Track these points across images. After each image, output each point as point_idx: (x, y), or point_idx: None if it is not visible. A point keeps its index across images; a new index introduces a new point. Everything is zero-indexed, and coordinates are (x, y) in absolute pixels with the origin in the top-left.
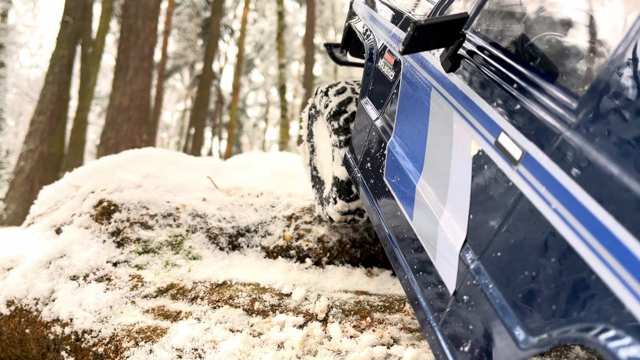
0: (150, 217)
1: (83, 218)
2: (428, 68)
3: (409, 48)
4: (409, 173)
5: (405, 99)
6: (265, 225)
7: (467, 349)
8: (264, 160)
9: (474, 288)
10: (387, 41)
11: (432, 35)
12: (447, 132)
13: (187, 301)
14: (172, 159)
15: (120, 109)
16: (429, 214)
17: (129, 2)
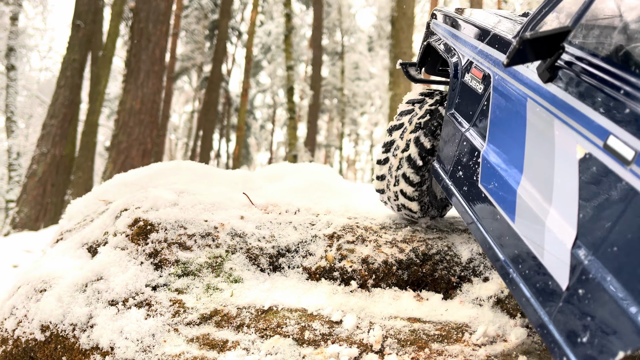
0: (188, 237)
1: (119, 238)
2: (522, 80)
3: (513, 61)
4: (507, 178)
5: (497, 109)
6: (306, 244)
7: (585, 340)
8: (293, 172)
9: (589, 282)
10: (473, 57)
11: (534, 49)
12: (547, 138)
13: (232, 329)
14: (202, 172)
15: (131, 112)
16: (532, 215)
17: (139, 6)
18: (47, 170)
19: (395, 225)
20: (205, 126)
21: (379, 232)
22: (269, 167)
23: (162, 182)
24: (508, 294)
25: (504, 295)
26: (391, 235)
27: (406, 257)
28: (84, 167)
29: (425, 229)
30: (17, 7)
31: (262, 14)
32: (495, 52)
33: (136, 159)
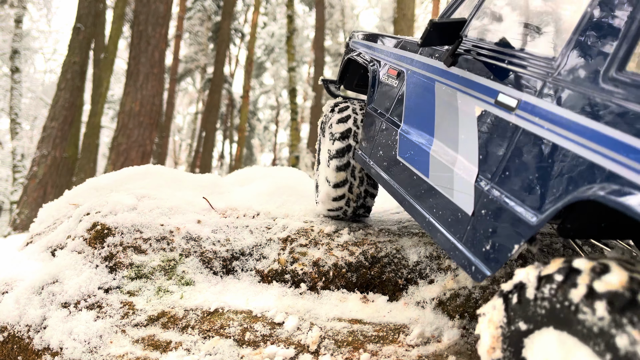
0: (143, 241)
1: (77, 242)
2: (430, 69)
3: (426, 42)
4: (421, 146)
5: (410, 95)
6: (261, 248)
7: (489, 247)
8: (264, 175)
9: (489, 203)
10: (389, 60)
11: (440, 34)
12: (452, 108)
13: (177, 330)
14: (171, 176)
15: (131, 114)
16: (443, 167)
17: (139, 9)
18: (48, 172)
19: (350, 228)
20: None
21: (332, 236)
22: (241, 171)
23: (131, 187)
24: (450, 295)
25: (445, 297)
26: (343, 239)
27: (356, 260)
28: (86, 168)
29: (377, 232)
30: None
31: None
32: (408, 53)
33: (135, 161)
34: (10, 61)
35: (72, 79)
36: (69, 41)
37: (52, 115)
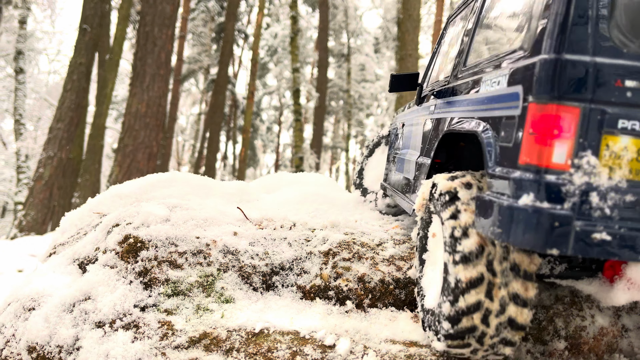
0: (179, 255)
1: (108, 256)
2: (414, 114)
3: (391, 88)
4: (403, 157)
5: (407, 132)
6: (301, 262)
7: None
8: (290, 182)
9: (419, 167)
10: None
11: (400, 82)
12: (418, 127)
13: (222, 353)
14: (198, 183)
15: (137, 115)
16: (407, 161)
17: (145, 10)
18: (54, 174)
19: (394, 241)
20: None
21: (376, 249)
22: (266, 177)
23: (157, 195)
24: None
25: None
26: (389, 252)
27: (404, 276)
28: (91, 169)
29: None
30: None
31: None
32: (402, 114)
33: (142, 162)
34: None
35: (78, 80)
36: (75, 42)
37: (59, 117)
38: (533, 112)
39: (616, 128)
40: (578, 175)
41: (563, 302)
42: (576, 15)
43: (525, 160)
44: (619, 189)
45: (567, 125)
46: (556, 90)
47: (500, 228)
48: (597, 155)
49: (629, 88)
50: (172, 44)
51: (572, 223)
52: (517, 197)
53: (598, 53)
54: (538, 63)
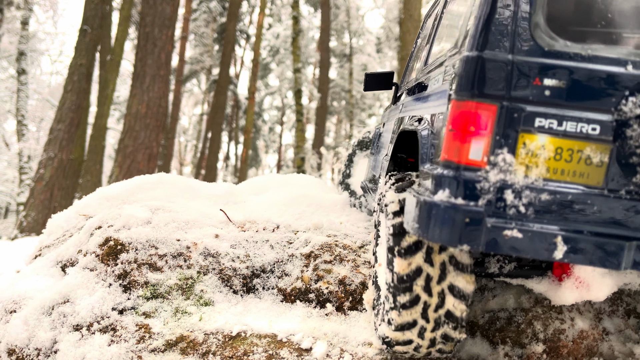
0: (159, 258)
1: (88, 258)
2: (391, 113)
3: (365, 87)
4: (377, 155)
5: (383, 131)
6: (282, 264)
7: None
8: (280, 184)
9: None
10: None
11: (374, 81)
12: (390, 126)
13: (198, 356)
14: (185, 185)
15: (137, 116)
16: (379, 161)
17: (145, 11)
18: (55, 175)
19: None
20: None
21: (358, 252)
22: (256, 179)
23: (143, 197)
24: (488, 318)
25: (484, 320)
26: (370, 255)
27: None
28: (92, 170)
29: None
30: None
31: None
32: (385, 112)
33: (142, 163)
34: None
35: (78, 81)
36: (75, 43)
37: (59, 118)
38: (453, 109)
39: (533, 126)
40: (494, 172)
41: (542, 304)
42: (498, 14)
43: (445, 157)
44: (534, 188)
45: (484, 123)
46: (474, 88)
47: (417, 223)
48: (514, 154)
49: (548, 86)
50: (172, 45)
51: (484, 219)
52: (434, 193)
53: (518, 51)
54: (459, 60)
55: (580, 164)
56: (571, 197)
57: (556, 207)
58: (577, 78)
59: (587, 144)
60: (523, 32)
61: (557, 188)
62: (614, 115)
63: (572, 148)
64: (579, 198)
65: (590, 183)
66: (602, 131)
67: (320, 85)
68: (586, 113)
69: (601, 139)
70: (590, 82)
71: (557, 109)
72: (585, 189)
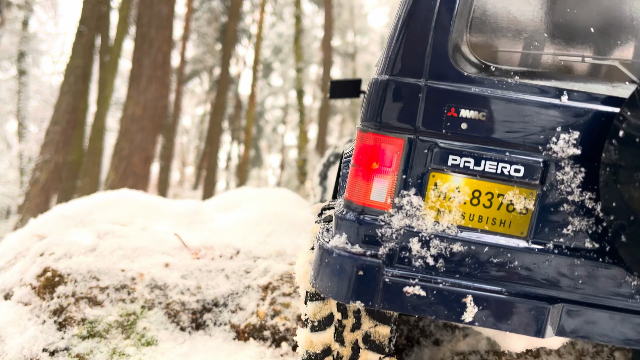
0: (100, 291)
1: (24, 291)
2: None
3: (330, 95)
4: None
5: None
6: (237, 297)
7: None
8: (252, 199)
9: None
10: None
11: (340, 89)
12: None
13: None
14: (147, 204)
15: (133, 118)
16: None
17: (142, 11)
18: (50, 178)
19: None
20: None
21: None
22: (229, 193)
23: (102, 216)
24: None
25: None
26: None
27: None
28: (91, 172)
29: None
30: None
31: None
32: None
33: (138, 166)
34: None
35: (75, 82)
36: (72, 44)
37: (55, 120)
38: (357, 142)
39: (446, 165)
40: (398, 217)
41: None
42: (412, 32)
43: (346, 195)
44: (446, 237)
45: (389, 159)
46: (379, 118)
47: (313, 269)
48: (423, 196)
49: (465, 118)
50: (169, 45)
51: (381, 272)
52: (332, 237)
53: (432, 75)
54: (368, 85)
55: (500, 210)
56: (488, 249)
57: (470, 260)
58: (501, 109)
59: (509, 188)
60: (439, 54)
61: (472, 238)
62: (542, 154)
63: (491, 191)
64: (497, 250)
65: (511, 233)
66: (528, 173)
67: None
68: (509, 151)
69: (526, 183)
70: (515, 114)
71: (475, 145)
72: (506, 240)
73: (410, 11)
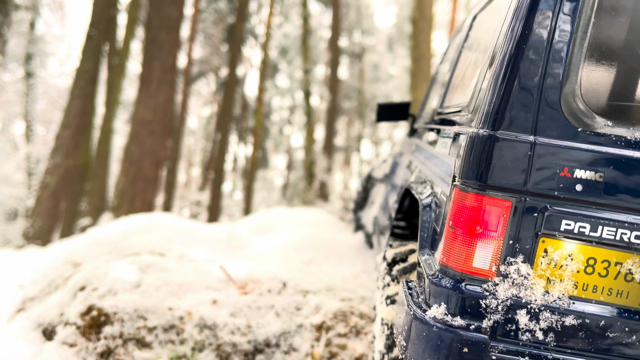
0: (148, 331)
1: (69, 331)
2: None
3: (377, 118)
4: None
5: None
6: (289, 336)
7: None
8: (287, 221)
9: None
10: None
11: (387, 112)
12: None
13: None
14: (181, 228)
15: (143, 122)
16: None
17: (152, 14)
18: (61, 182)
19: None
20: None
21: None
22: (261, 215)
23: (136, 242)
24: None
25: None
26: None
27: None
28: (98, 175)
29: None
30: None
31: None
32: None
33: (148, 170)
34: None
35: (85, 86)
36: (82, 48)
37: (65, 124)
38: (455, 200)
39: (559, 230)
40: (504, 286)
41: None
42: (519, 82)
43: (443, 260)
44: (557, 308)
45: (495, 223)
46: (484, 177)
47: (405, 340)
48: (532, 263)
49: (580, 179)
50: (178, 49)
51: (487, 348)
52: (428, 305)
53: (542, 131)
54: (467, 137)
55: (618, 279)
56: (604, 322)
57: (583, 334)
58: (620, 169)
59: (628, 256)
60: (550, 107)
61: (586, 309)
62: None
63: (608, 259)
64: (614, 323)
65: (630, 305)
66: None
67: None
68: (630, 215)
69: None
70: (637, 176)
71: (591, 208)
72: (624, 312)
73: (516, 51)
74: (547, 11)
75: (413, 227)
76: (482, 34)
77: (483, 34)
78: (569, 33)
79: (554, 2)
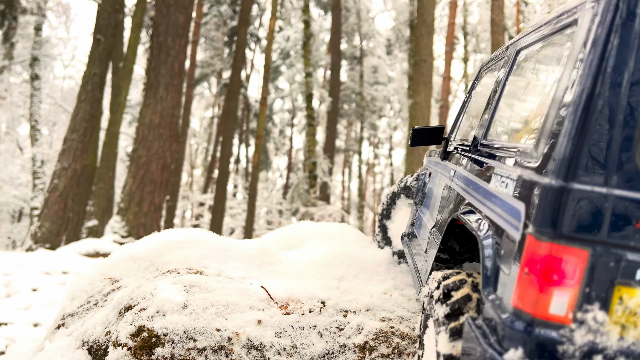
0: (198, 353)
1: (120, 353)
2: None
3: (412, 142)
4: (422, 215)
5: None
6: (334, 357)
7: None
8: (315, 235)
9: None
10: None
11: (422, 136)
12: (438, 189)
13: None
14: (216, 245)
15: (151, 126)
16: (424, 228)
17: (159, 20)
18: (69, 185)
19: None
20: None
21: (417, 341)
22: (287, 228)
23: (173, 258)
24: None
25: None
26: None
27: None
28: (105, 177)
29: None
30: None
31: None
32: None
33: (155, 173)
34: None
35: (92, 90)
36: (89, 52)
37: (73, 127)
38: (530, 248)
39: (634, 279)
40: (581, 332)
41: None
42: (593, 133)
43: (517, 304)
44: (631, 353)
45: (571, 271)
46: (560, 227)
47: None
48: (607, 310)
49: None
50: (185, 54)
51: None
52: (503, 348)
53: (618, 184)
54: (541, 187)
55: None
56: None
57: None
58: None
59: None
60: (623, 157)
61: None
62: None
63: None
64: None
65: None
66: None
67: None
68: None
69: None
70: None
71: None
72: None
73: (590, 95)
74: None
75: (451, 249)
76: (534, 72)
77: (536, 72)
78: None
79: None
